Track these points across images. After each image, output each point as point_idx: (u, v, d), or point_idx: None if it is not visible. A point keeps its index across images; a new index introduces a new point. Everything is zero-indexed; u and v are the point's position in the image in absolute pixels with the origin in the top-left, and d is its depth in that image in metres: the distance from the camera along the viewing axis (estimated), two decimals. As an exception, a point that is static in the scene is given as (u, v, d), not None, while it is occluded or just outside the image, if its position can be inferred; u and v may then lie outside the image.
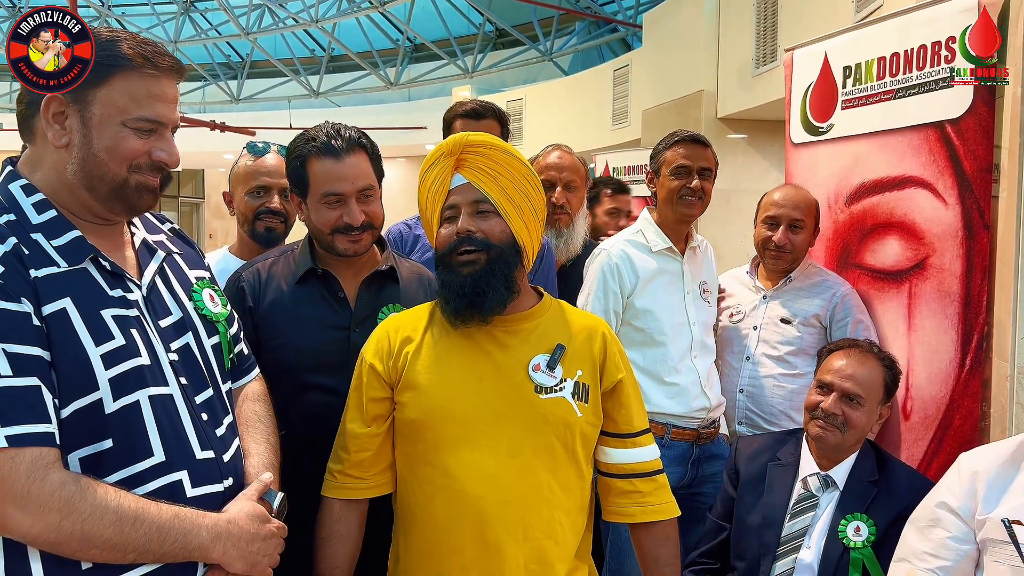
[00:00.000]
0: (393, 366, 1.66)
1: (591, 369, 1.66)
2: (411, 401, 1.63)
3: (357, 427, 1.68)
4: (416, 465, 1.64)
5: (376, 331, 1.74)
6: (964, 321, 2.35)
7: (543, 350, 1.64)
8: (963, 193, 2.35)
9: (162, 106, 1.36)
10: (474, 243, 1.61)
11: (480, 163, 1.63)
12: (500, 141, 1.67)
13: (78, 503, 1.21)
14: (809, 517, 2.13)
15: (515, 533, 1.57)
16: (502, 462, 1.58)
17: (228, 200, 2.55)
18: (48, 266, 1.28)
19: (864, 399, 2.16)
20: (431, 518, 1.60)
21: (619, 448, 1.70)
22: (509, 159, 1.65)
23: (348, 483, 1.69)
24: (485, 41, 16.89)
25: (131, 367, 1.31)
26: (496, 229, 1.62)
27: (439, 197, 1.66)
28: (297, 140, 1.92)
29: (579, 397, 1.63)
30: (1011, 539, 1.76)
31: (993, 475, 1.85)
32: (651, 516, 1.70)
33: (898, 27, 2.57)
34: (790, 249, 2.66)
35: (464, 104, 2.74)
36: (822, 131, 2.91)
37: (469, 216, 1.62)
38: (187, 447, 1.37)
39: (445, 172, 1.65)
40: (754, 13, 6.36)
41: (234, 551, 1.34)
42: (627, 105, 9.58)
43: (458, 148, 1.63)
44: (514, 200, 1.63)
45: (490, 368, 1.62)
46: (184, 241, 1.63)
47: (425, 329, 1.69)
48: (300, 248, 1.99)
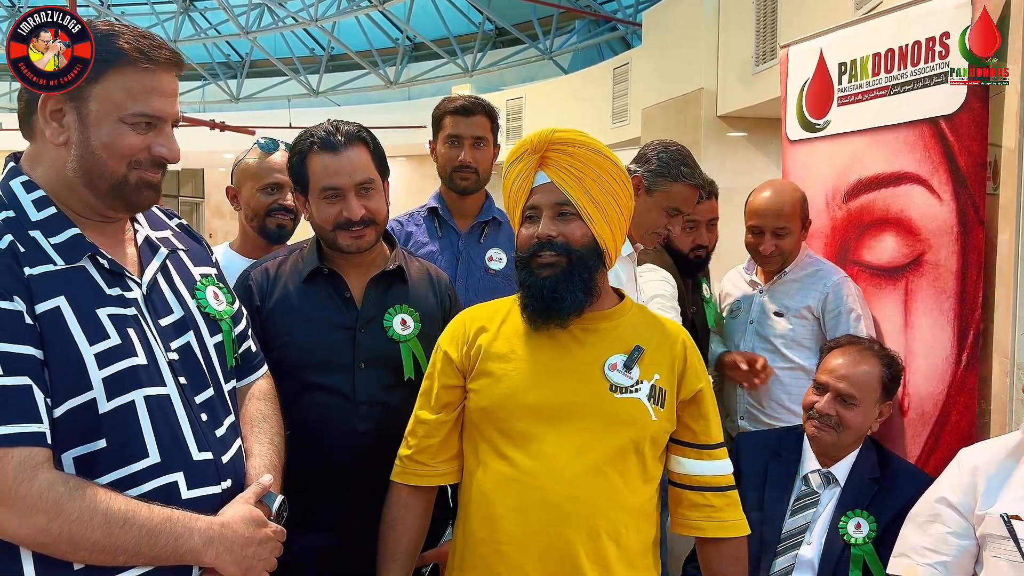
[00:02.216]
0: (467, 355, 1.65)
1: (669, 374, 1.62)
2: (483, 389, 1.62)
3: (426, 414, 1.68)
4: (484, 455, 1.62)
5: (454, 320, 1.75)
6: (960, 317, 2.35)
7: (621, 350, 1.61)
8: (958, 189, 2.35)
9: (160, 100, 1.35)
10: (554, 247, 1.57)
11: (565, 162, 1.57)
12: (588, 138, 1.61)
13: (66, 504, 1.20)
14: (810, 514, 2.13)
15: (580, 530, 1.53)
16: (571, 458, 1.55)
17: (232, 195, 2.52)
18: (44, 264, 1.27)
19: (859, 399, 2.16)
20: (496, 509, 1.57)
21: (694, 459, 1.66)
22: (596, 157, 1.59)
23: (415, 469, 1.69)
24: (485, 40, 16.86)
25: (126, 367, 1.30)
26: (577, 233, 1.58)
27: (521, 196, 1.62)
28: (298, 138, 1.92)
29: (655, 400, 1.59)
30: (1010, 534, 1.76)
31: (993, 470, 1.86)
32: (722, 532, 1.65)
33: (893, 23, 2.57)
34: (778, 254, 2.67)
35: (454, 100, 2.69)
36: (818, 128, 2.91)
37: (550, 219, 1.58)
38: (183, 448, 1.35)
39: (528, 170, 1.60)
40: (754, 11, 6.35)
41: (227, 555, 1.33)
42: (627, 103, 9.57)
43: (543, 145, 1.58)
44: (598, 202, 1.58)
45: (566, 363, 1.60)
46: (192, 237, 1.60)
47: (503, 320, 1.67)
48: (308, 247, 1.99)
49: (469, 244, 2.68)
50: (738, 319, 2.82)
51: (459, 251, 2.66)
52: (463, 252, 2.66)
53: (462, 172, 2.63)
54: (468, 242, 2.68)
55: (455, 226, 2.69)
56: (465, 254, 2.66)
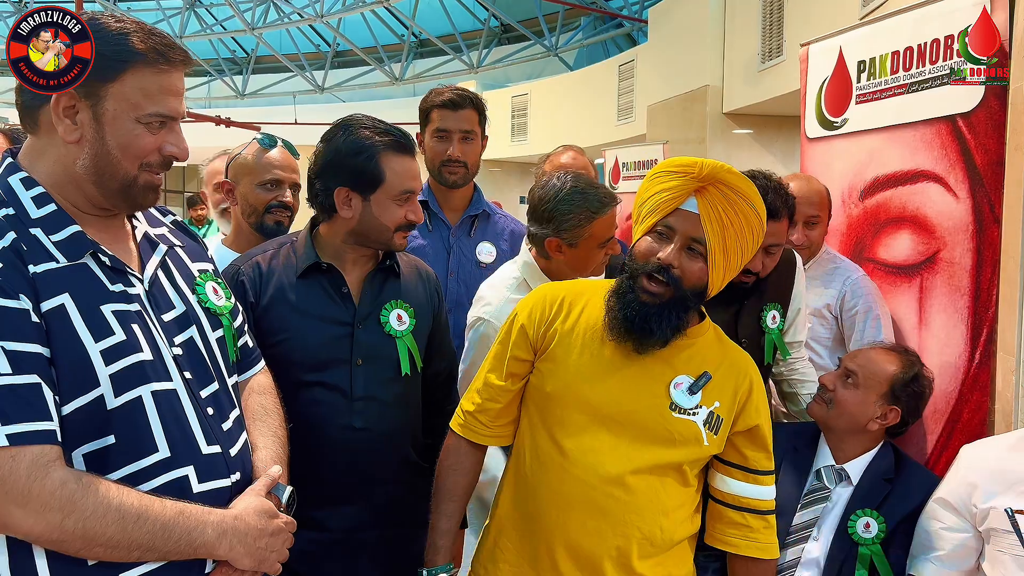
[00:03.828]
0: (543, 334, 1.69)
1: (730, 405, 1.65)
2: (550, 374, 1.66)
3: (494, 378, 1.74)
4: (538, 435, 1.68)
5: (535, 292, 1.78)
6: (974, 315, 2.34)
7: (690, 371, 1.63)
8: (974, 187, 2.34)
9: (174, 100, 1.35)
10: (668, 277, 1.57)
11: (720, 202, 1.56)
12: (752, 190, 1.58)
13: (80, 501, 1.19)
14: (820, 509, 2.12)
15: (615, 529, 1.59)
16: (618, 461, 1.59)
17: (228, 188, 2.47)
18: (47, 262, 1.27)
19: (860, 380, 2.13)
20: (539, 489, 1.64)
21: (741, 481, 1.69)
22: (749, 212, 1.57)
23: (475, 426, 1.76)
24: (490, 36, 16.86)
25: (132, 362, 1.29)
26: (696, 274, 1.58)
27: (663, 209, 1.60)
28: (353, 134, 1.86)
29: (710, 427, 1.62)
30: (1014, 528, 1.78)
31: (996, 466, 1.86)
32: (755, 552, 1.69)
33: (912, 21, 2.56)
34: (807, 245, 2.64)
35: (441, 93, 2.64)
36: (837, 126, 2.91)
37: (679, 250, 1.58)
38: (192, 442, 1.35)
39: (684, 191, 1.58)
40: (760, 8, 6.34)
41: (241, 548, 1.33)
42: (632, 100, 9.56)
43: (710, 178, 1.56)
44: (729, 251, 1.58)
45: (635, 371, 1.63)
46: (186, 233, 1.61)
47: (583, 307, 1.69)
48: (301, 241, 1.95)
49: (460, 237, 2.67)
50: None
51: (450, 245, 2.65)
52: (454, 246, 2.65)
53: (451, 166, 2.62)
54: (459, 235, 2.67)
55: (445, 219, 2.67)
56: (456, 248, 2.65)
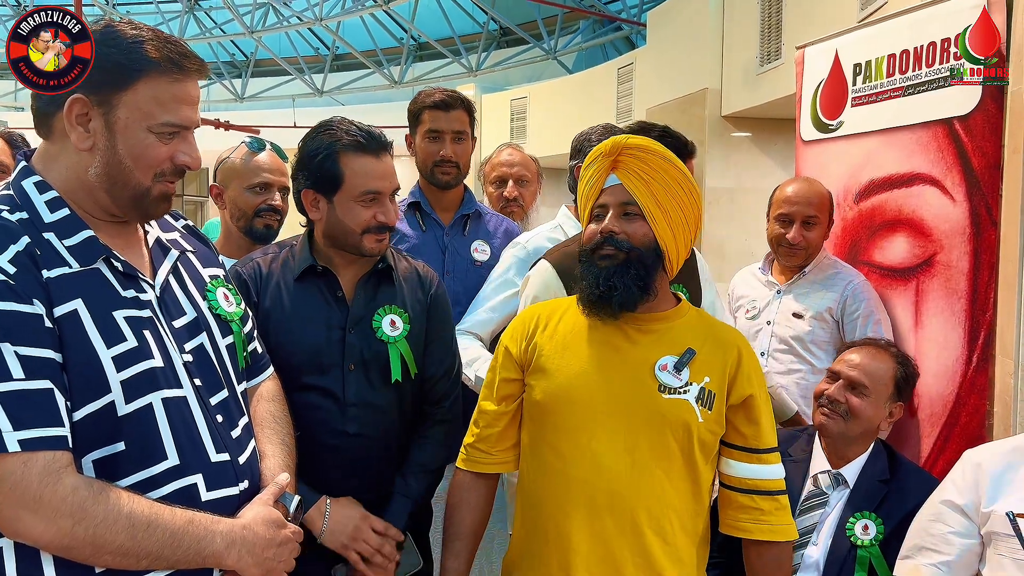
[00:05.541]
0: (526, 350, 1.73)
1: (720, 379, 1.66)
2: (538, 384, 1.69)
3: (488, 404, 1.78)
4: (537, 447, 1.70)
5: (518, 316, 1.85)
6: (971, 318, 2.34)
7: (673, 351, 1.66)
8: (971, 190, 2.34)
9: (188, 109, 1.34)
10: (615, 244, 1.64)
11: (635, 166, 1.64)
12: (659, 146, 1.67)
13: (91, 508, 1.19)
14: (818, 514, 2.12)
15: (622, 524, 1.60)
16: (618, 455, 1.61)
17: (217, 193, 2.46)
18: (60, 266, 1.26)
19: (869, 389, 2.14)
20: (544, 500, 1.66)
21: (744, 462, 1.70)
22: (665, 164, 1.64)
23: (476, 456, 1.78)
24: (489, 39, 16.86)
25: (143, 369, 1.29)
26: (639, 232, 1.64)
27: (592, 195, 1.69)
28: (320, 135, 1.86)
29: (703, 403, 1.64)
30: (1015, 532, 1.77)
31: (998, 470, 1.86)
32: (768, 535, 1.69)
33: (908, 24, 2.56)
34: (804, 246, 2.65)
35: (431, 95, 2.66)
36: (832, 128, 2.91)
37: (615, 217, 1.65)
38: (202, 450, 1.35)
39: (601, 172, 1.67)
40: (759, 11, 6.34)
41: (249, 558, 1.33)
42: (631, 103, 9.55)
43: (615, 150, 1.65)
44: (663, 206, 1.64)
45: (617, 362, 1.65)
46: (198, 239, 1.59)
47: (560, 318, 1.74)
48: (299, 245, 1.95)
49: (454, 236, 2.68)
50: (756, 320, 2.80)
51: (444, 244, 2.66)
52: (448, 245, 2.66)
53: (443, 167, 2.64)
54: (453, 235, 2.68)
55: (439, 219, 2.68)
56: (451, 247, 2.66)
